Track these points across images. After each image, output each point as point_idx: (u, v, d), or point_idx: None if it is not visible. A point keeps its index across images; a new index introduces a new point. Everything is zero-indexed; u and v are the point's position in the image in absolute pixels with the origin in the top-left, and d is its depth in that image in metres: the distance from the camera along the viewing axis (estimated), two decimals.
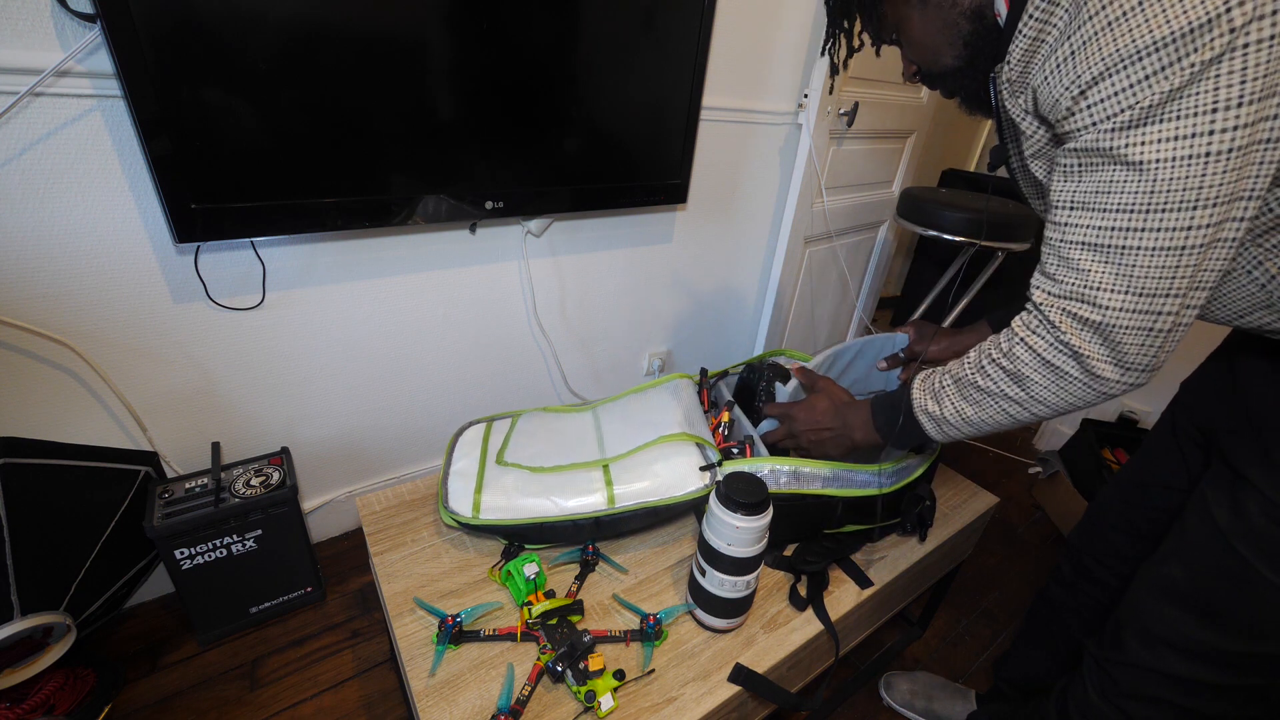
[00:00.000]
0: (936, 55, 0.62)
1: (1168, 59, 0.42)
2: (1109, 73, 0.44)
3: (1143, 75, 0.43)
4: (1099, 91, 0.45)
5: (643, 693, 0.70)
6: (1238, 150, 0.43)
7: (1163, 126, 0.44)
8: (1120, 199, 0.48)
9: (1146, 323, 0.50)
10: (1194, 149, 0.44)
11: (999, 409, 0.62)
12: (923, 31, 0.61)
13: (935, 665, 1.22)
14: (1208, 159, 0.43)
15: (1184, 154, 0.44)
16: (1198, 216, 0.46)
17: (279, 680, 1.06)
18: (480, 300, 1.33)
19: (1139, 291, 0.49)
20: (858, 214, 1.92)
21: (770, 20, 1.42)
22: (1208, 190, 0.45)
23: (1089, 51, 0.45)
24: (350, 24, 0.87)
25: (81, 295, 0.92)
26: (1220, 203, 0.45)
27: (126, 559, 1.06)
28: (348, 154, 0.95)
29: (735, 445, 0.94)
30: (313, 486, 1.30)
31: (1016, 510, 1.70)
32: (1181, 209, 0.46)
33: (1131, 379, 0.54)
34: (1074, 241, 0.52)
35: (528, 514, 0.83)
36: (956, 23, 0.59)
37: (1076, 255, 0.52)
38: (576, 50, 1.10)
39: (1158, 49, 0.42)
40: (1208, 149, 0.43)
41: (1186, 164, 0.44)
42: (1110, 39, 0.44)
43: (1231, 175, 0.44)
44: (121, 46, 0.74)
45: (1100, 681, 0.72)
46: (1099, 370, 0.54)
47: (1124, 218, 0.48)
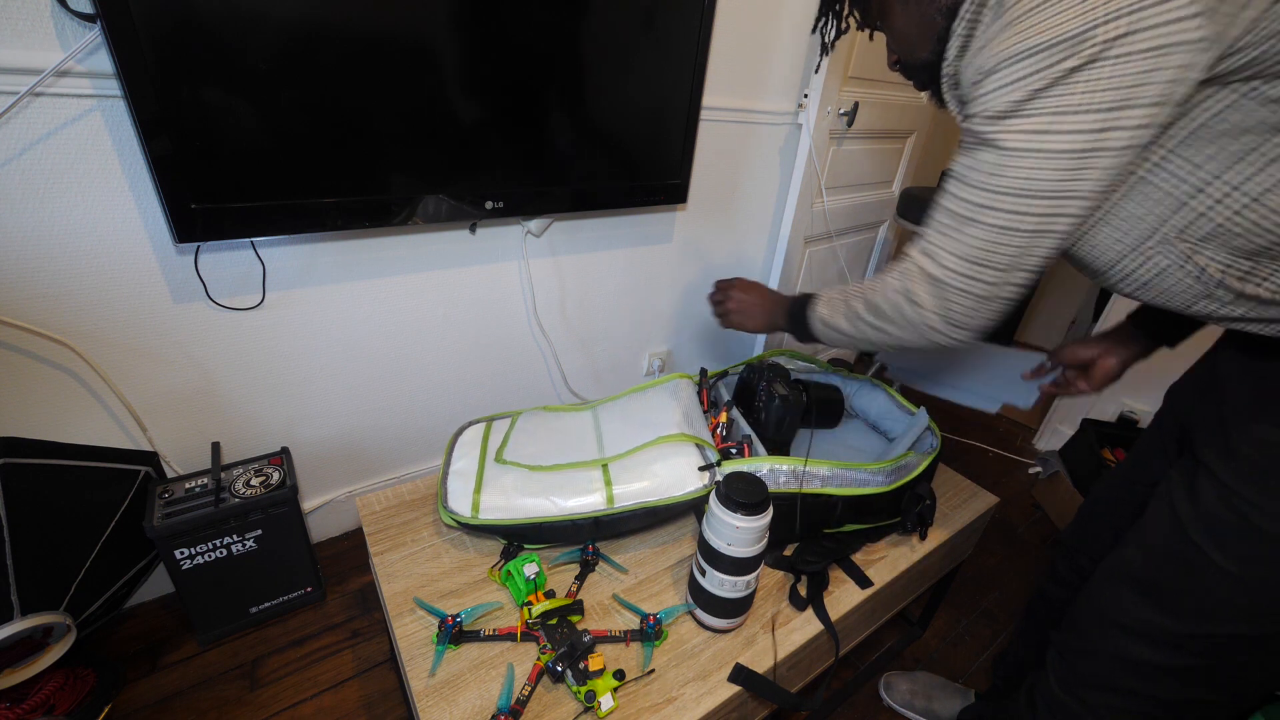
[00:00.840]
0: (914, 47, 0.66)
1: (1040, 63, 0.47)
2: (999, 67, 0.50)
3: (1020, 74, 0.49)
4: (989, 83, 0.52)
5: (643, 693, 0.70)
6: (1074, 153, 0.49)
7: (1022, 120, 0.50)
8: (978, 176, 0.55)
9: (968, 286, 0.59)
10: (1039, 144, 0.50)
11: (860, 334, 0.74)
12: (903, 23, 0.66)
13: (935, 665, 1.22)
14: (1045, 155, 0.50)
15: (1031, 147, 0.50)
16: (1028, 205, 0.52)
17: (279, 680, 1.06)
18: (480, 300, 1.33)
19: (967, 258, 0.58)
20: (858, 214, 1.92)
21: (770, 20, 1.42)
22: (1040, 183, 0.51)
23: (991, 48, 0.51)
24: (350, 24, 0.87)
25: (81, 295, 0.92)
26: (1049, 197, 0.51)
27: (126, 559, 1.06)
28: (348, 154, 0.95)
29: (734, 445, 0.94)
30: (313, 486, 1.30)
31: (1016, 510, 1.70)
32: (1018, 195, 0.52)
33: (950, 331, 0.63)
34: (941, 205, 0.60)
35: (527, 514, 0.83)
36: (933, 18, 0.62)
37: (938, 217, 0.60)
38: (576, 50, 1.10)
39: (1034, 53, 0.47)
40: (1045, 146, 0.49)
41: (1030, 156, 0.50)
42: (1006, 38, 0.49)
43: (1065, 174, 0.50)
44: (121, 46, 0.74)
45: (1061, 672, 0.74)
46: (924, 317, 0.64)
47: (976, 194, 0.55)
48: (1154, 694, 0.66)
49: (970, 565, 1.46)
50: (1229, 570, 0.58)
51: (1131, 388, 1.81)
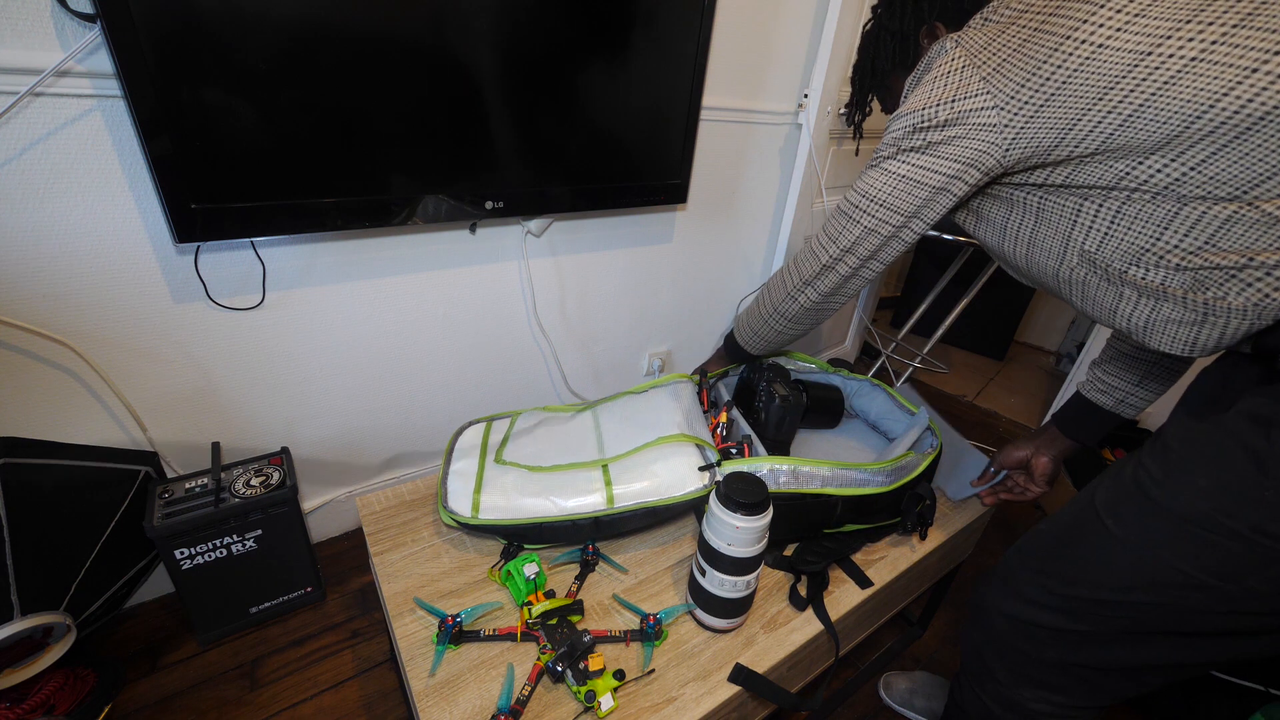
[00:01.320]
0: None
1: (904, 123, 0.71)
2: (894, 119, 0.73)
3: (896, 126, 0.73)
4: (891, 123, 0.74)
5: (643, 693, 0.70)
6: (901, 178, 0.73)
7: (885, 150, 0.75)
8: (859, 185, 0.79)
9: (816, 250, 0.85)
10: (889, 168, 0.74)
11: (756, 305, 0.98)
12: None
13: (935, 665, 1.22)
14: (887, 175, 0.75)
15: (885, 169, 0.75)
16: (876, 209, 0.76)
17: (279, 680, 1.06)
18: (480, 300, 1.33)
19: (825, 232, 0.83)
20: None
21: (770, 20, 1.42)
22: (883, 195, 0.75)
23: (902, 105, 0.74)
24: (350, 24, 0.87)
25: (82, 295, 0.92)
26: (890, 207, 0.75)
27: (126, 559, 1.06)
28: (348, 154, 0.95)
29: (734, 445, 0.94)
30: (313, 486, 1.30)
31: (1017, 510, 1.70)
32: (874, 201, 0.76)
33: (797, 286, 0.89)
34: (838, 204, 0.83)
35: (527, 514, 0.83)
36: None
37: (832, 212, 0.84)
38: (576, 50, 1.10)
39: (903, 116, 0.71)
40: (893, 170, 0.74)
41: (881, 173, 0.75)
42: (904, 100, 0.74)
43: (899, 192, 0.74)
44: (121, 46, 0.74)
45: (965, 631, 0.83)
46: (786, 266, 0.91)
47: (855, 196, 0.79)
48: (1042, 656, 0.71)
49: (970, 565, 1.46)
50: (1119, 536, 0.62)
51: None
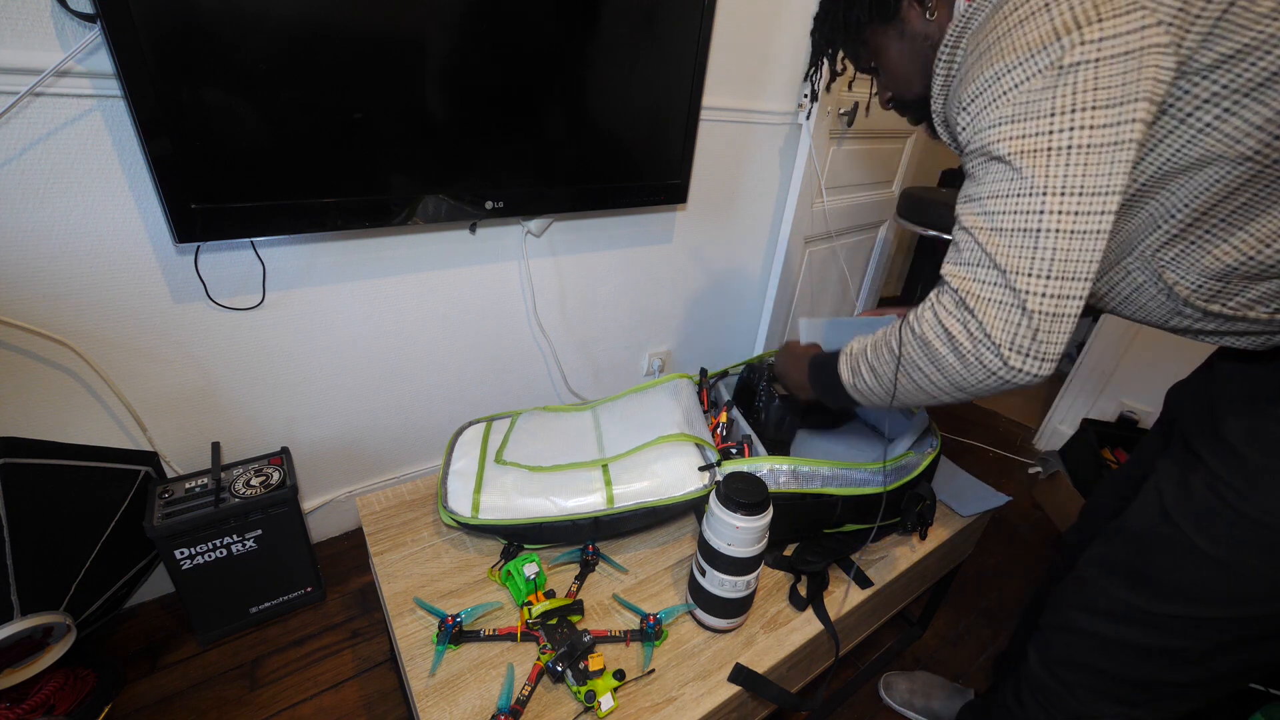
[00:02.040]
0: (909, 84, 0.71)
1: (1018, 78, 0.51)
2: (981, 90, 0.54)
3: (1002, 91, 0.53)
4: (974, 106, 0.55)
5: (643, 693, 0.70)
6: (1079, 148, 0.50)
7: (1013, 127, 0.52)
8: (989, 188, 0.55)
9: (1012, 299, 0.53)
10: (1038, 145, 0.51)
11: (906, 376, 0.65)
12: (898, 61, 0.70)
13: (935, 665, 1.22)
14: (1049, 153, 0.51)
15: (1030, 149, 0.52)
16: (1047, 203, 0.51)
17: (279, 680, 1.06)
18: (480, 300, 1.33)
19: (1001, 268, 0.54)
20: (858, 214, 1.92)
21: (770, 20, 1.42)
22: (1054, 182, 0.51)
23: (969, 76, 0.55)
24: (350, 24, 0.87)
25: (82, 295, 0.92)
26: (1071, 193, 0.51)
27: (126, 559, 1.06)
28: (348, 154, 0.95)
29: (734, 445, 0.94)
30: (313, 486, 1.30)
31: (1016, 510, 1.70)
32: (1031, 195, 0.52)
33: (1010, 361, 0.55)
34: (959, 228, 0.58)
35: (527, 514, 0.83)
36: (927, 55, 0.66)
37: (960, 240, 0.58)
38: (576, 50, 1.10)
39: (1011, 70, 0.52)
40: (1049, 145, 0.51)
41: (1033, 156, 0.51)
42: (983, 64, 0.54)
43: (1077, 171, 0.50)
44: (121, 46, 0.74)
45: (1040, 647, 0.76)
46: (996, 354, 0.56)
47: (990, 203, 0.55)
48: (1129, 675, 0.68)
49: (970, 565, 1.46)
50: (1213, 555, 0.59)
51: (1132, 388, 1.81)
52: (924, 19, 0.66)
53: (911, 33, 0.68)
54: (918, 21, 0.67)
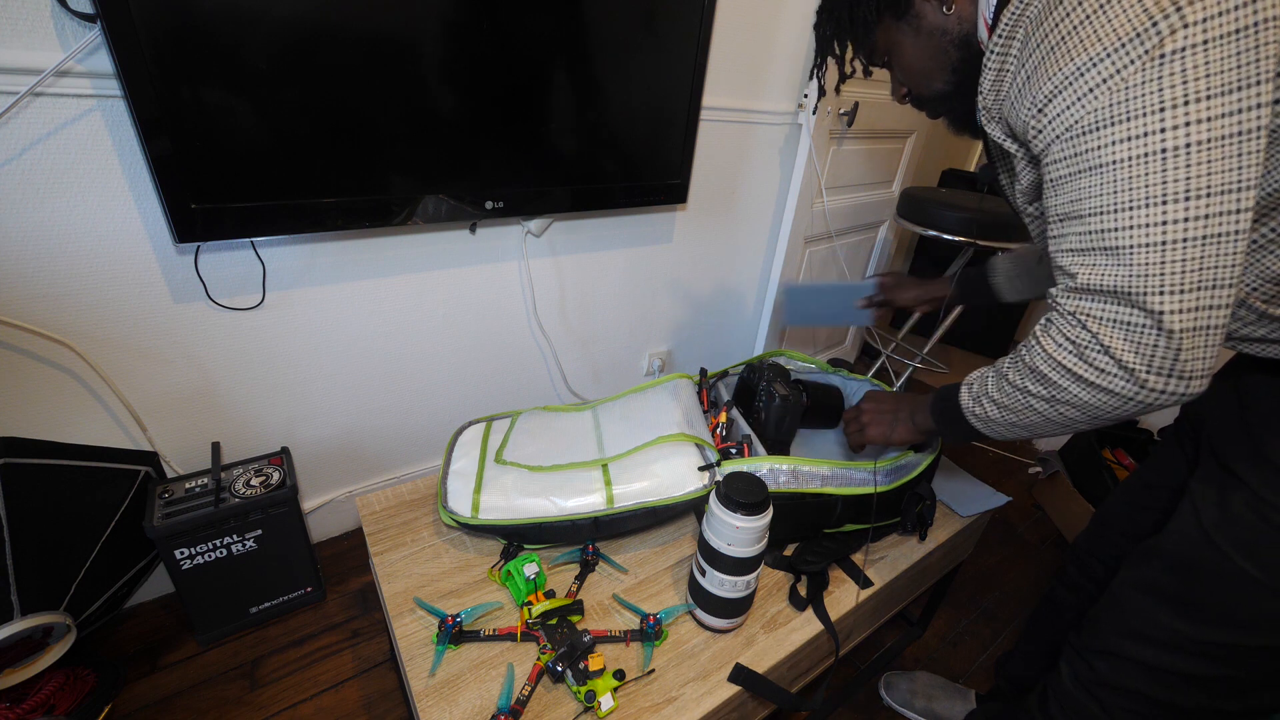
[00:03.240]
0: (928, 80, 0.67)
1: (1108, 70, 0.45)
2: (1060, 89, 0.48)
3: (1088, 88, 0.47)
4: (1054, 106, 0.49)
5: (643, 693, 0.70)
6: (1196, 145, 0.44)
7: (1112, 130, 0.47)
8: (1094, 203, 0.50)
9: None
10: (1148, 147, 0.45)
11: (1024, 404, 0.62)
12: (915, 57, 0.66)
13: (935, 665, 1.22)
14: (1164, 155, 0.45)
15: (1139, 153, 0.46)
16: (1170, 211, 0.46)
17: (279, 680, 1.06)
18: (480, 300, 1.33)
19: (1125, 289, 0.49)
20: (858, 214, 1.92)
21: (770, 20, 1.42)
22: (1173, 185, 0.45)
23: (1040, 74, 0.49)
24: (350, 23, 0.87)
25: (82, 295, 0.92)
26: (1193, 196, 0.45)
27: (126, 559, 1.06)
28: (348, 154, 0.95)
29: (734, 445, 0.94)
30: (313, 486, 1.30)
31: (1016, 510, 1.70)
32: (1149, 205, 0.46)
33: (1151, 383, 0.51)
34: (1065, 250, 0.54)
35: (527, 514, 0.83)
36: (946, 50, 0.63)
37: (1068, 262, 0.54)
38: (577, 50, 1.10)
39: (1097, 63, 0.46)
40: (1161, 146, 0.45)
41: (1144, 161, 0.46)
42: (1056, 60, 0.48)
43: (1199, 169, 0.45)
44: (121, 46, 0.74)
45: (1077, 671, 0.73)
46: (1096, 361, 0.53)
47: (1098, 220, 0.50)
48: (1173, 701, 0.65)
49: (970, 565, 1.46)
50: (1261, 580, 0.57)
51: None
52: (940, 12, 0.62)
53: (928, 28, 0.63)
54: (933, 15, 0.62)
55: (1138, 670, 0.67)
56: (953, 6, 0.61)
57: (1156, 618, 0.65)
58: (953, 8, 0.61)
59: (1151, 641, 0.65)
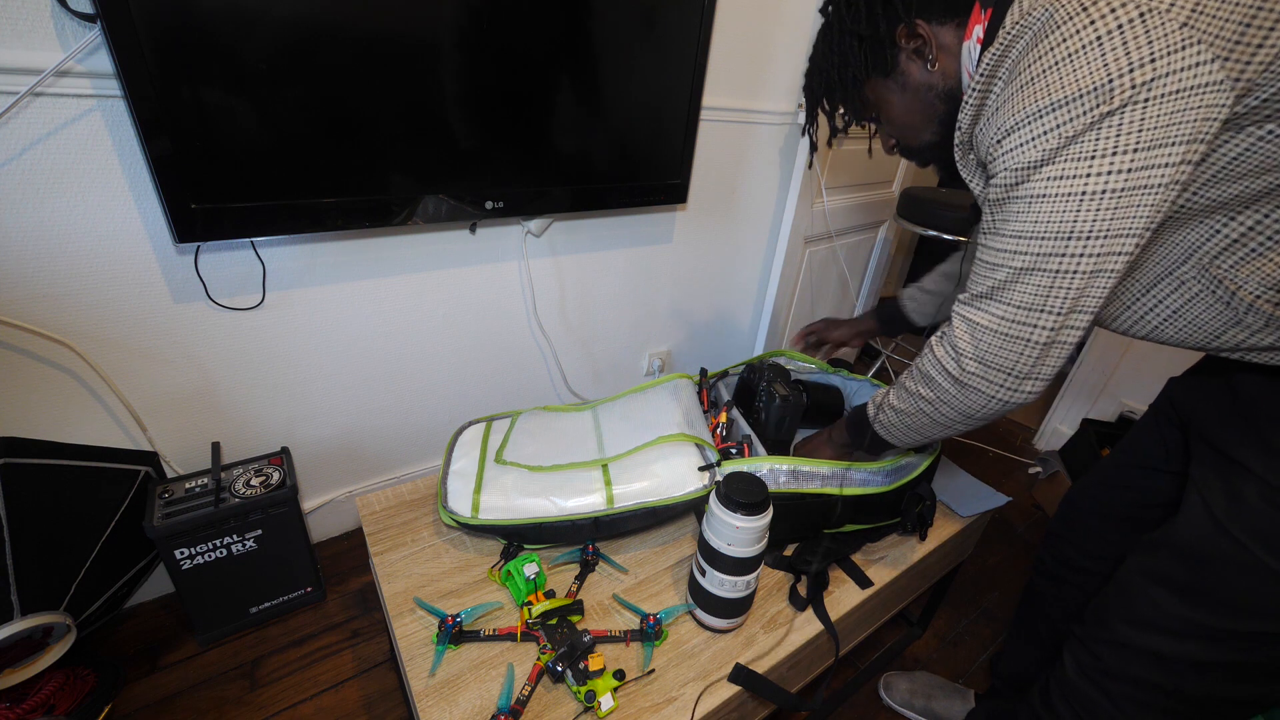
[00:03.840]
0: (916, 132, 0.71)
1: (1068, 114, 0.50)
2: (1019, 125, 0.53)
3: (1042, 130, 0.51)
4: (1011, 140, 0.54)
5: (643, 693, 0.70)
6: (1112, 192, 0.50)
7: (1050, 168, 0.52)
8: (1015, 227, 0.56)
9: (1020, 332, 0.58)
10: (1077, 187, 0.51)
11: (914, 408, 0.72)
12: (902, 112, 0.70)
13: (935, 665, 1.22)
14: (1084, 198, 0.51)
15: (1064, 192, 0.52)
16: (1072, 246, 0.53)
17: (279, 680, 1.06)
18: (480, 300, 1.33)
19: (1017, 304, 0.58)
20: (858, 214, 1.92)
21: (770, 20, 1.42)
22: (1083, 225, 0.52)
23: (1009, 107, 0.53)
24: (350, 24, 0.87)
25: (82, 295, 0.92)
26: (1097, 236, 0.52)
27: (126, 559, 1.06)
28: (348, 154, 0.95)
29: (734, 445, 0.94)
30: (313, 486, 1.30)
31: (1016, 510, 1.70)
32: (1058, 238, 0.53)
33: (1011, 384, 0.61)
34: (981, 260, 0.61)
35: (527, 514, 0.83)
36: (932, 104, 0.67)
37: (979, 272, 0.61)
38: (576, 50, 1.10)
39: (1055, 109, 0.50)
40: (1084, 189, 0.51)
41: (1065, 200, 0.52)
42: (1023, 97, 0.52)
43: (1106, 214, 0.51)
44: (121, 46, 0.74)
45: (1081, 659, 0.73)
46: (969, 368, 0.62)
47: (1014, 242, 0.56)
48: (1181, 689, 0.66)
49: (970, 565, 1.46)
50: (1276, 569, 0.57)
51: (1132, 388, 1.81)
52: (924, 70, 0.65)
53: (913, 84, 0.67)
54: (918, 73, 0.66)
55: (1146, 659, 0.67)
56: (936, 64, 0.64)
57: (1167, 607, 0.65)
58: (936, 65, 0.64)
59: (1161, 630, 0.65)
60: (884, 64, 0.67)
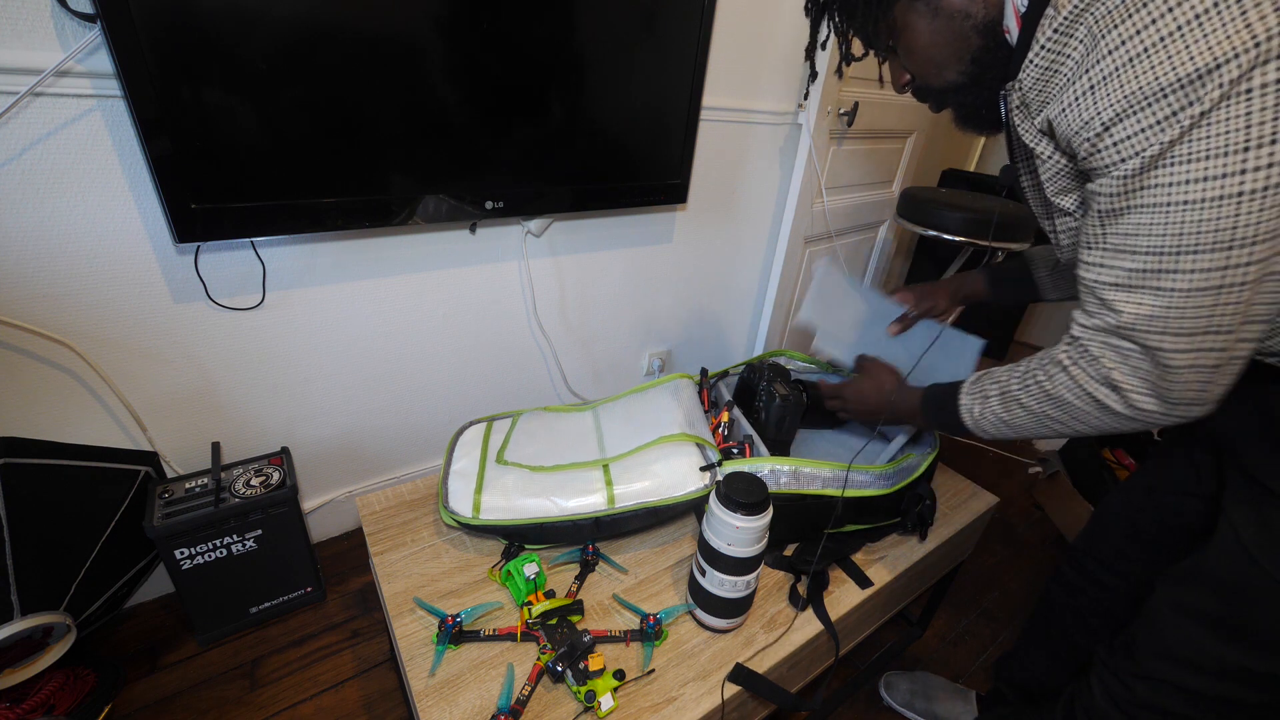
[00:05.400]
0: (940, 69, 0.61)
1: (1187, 98, 0.41)
2: (1129, 111, 0.43)
3: (1163, 114, 0.42)
4: (1120, 130, 0.44)
5: (643, 693, 0.70)
6: (1274, 187, 0.41)
7: (1188, 167, 0.43)
8: (1149, 241, 0.47)
9: (1189, 360, 0.49)
10: (1223, 189, 0.42)
11: (1037, 422, 0.63)
12: (930, 42, 0.60)
13: (935, 665, 1.22)
14: (1240, 199, 0.42)
15: (1212, 195, 0.43)
16: (1234, 256, 0.44)
17: (279, 680, 1.06)
18: (480, 300, 1.33)
19: (1178, 331, 0.48)
20: (858, 214, 1.92)
21: (770, 20, 1.42)
22: (1242, 230, 0.43)
23: (1108, 88, 0.44)
24: (350, 23, 0.87)
25: (82, 295, 0.92)
26: (1260, 240, 0.43)
27: (126, 559, 1.06)
28: (348, 154, 0.95)
29: (735, 445, 0.94)
30: (313, 486, 1.30)
31: (1016, 510, 1.70)
32: (1215, 250, 0.44)
33: (1180, 412, 0.52)
34: (1108, 283, 0.51)
35: (527, 514, 0.83)
36: (967, 36, 0.57)
37: (1112, 296, 0.51)
38: (577, 50, 1.10)
39: (1177, 88, 0.41)
40: (1239, 188, 0.42)
41: (1216, 205, 0.43)
42: (1130, 76, 0.43)
43: (1271, 212, 0.42)
44: (121, 46, 0.74)
45: (1111, 689, 0.71)
46: (1139, 403, 0.53)
47: (1155, 260, 0.47)
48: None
49: (970, 565, 1.46)
50: None
51: None
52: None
53: (948, 9, 0.57)
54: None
55: (1179, 695, 0.64)
56: None
57: (1201, 644, 0.62)
58: None
59: (1195, 668, 0.63)
60: None
